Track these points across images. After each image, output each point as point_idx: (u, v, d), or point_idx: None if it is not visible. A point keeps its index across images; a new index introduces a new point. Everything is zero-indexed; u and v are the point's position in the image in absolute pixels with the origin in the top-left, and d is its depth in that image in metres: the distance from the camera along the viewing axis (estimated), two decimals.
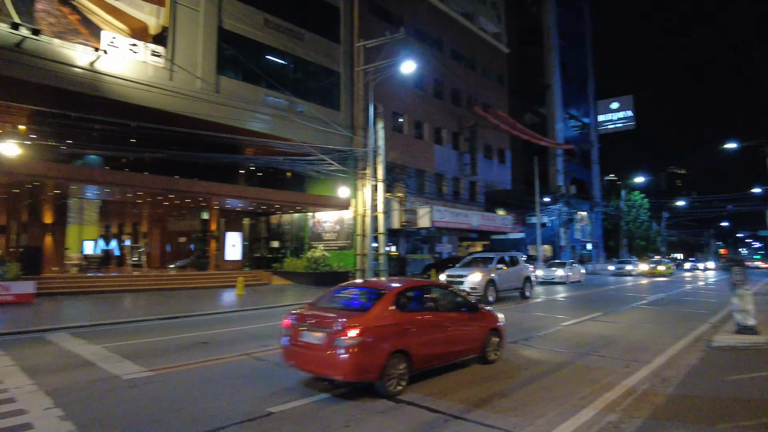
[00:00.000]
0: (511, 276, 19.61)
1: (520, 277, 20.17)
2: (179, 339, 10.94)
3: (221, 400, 6.36)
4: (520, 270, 20.38)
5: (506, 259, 20.01)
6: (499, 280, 18.67)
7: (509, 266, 19.74)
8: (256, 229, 35.39)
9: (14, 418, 5.60)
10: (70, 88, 18.28)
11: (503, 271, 19.17)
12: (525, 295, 20.20)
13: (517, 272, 20.12)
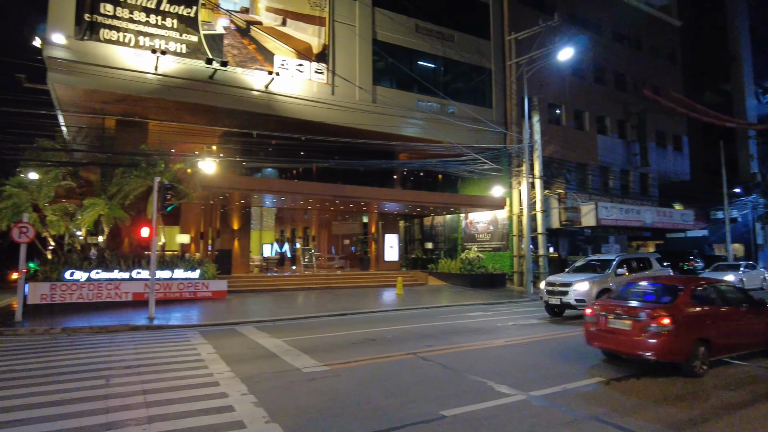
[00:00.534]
0: None
1: None
2: (348, 335, 11.56)
3: (393, 399, 6.48)
4: None
5: (632, 263, 15.86)
6: None
7: (632, 271, 15.48)
8: (410, 231, 36.32)
9: (219, 400, 6.37)
10: (250, 110, 20.74)
11: (624, 278, 14.54)
12: None
13: None
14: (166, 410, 5.95)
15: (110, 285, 17.10)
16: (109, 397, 6.54)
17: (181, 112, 20.71)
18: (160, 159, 19.08)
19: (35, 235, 15.40)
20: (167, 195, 14.76)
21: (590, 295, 13.75)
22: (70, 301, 16.29)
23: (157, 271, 15.90)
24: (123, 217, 18.75)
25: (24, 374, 7.97)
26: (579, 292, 14.05)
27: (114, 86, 18.45)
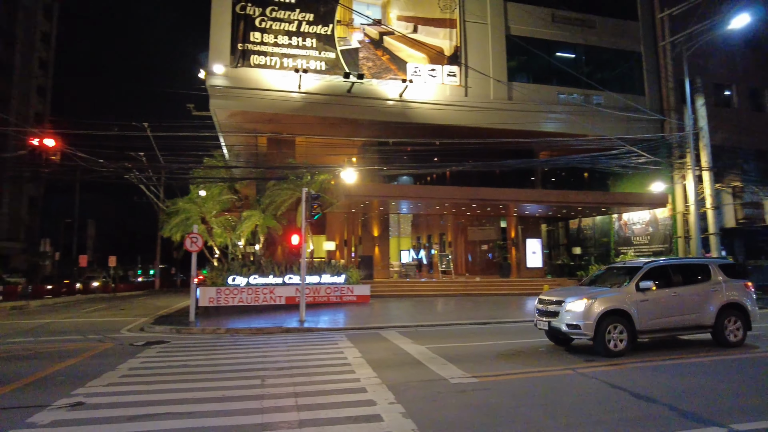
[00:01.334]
0: (678, 303, 10.05)
1: (706, 305, 10.22)
2: (495, 346, 10.87)
3: (555, 420, 5.74)
4: (705, 292, 10.34)
5: (667, 271, 10.37)
6: (642, 313, 9.64)
7: (672, 284, 10.19)
8: (553, 235, 34.03)
9: (367, 408, 6.21)
10: (386, 119, 21.16)
11: (656, 295, 9.92)
12: (726, 339, 10.19)
13: (698, 296, 10.28)
14: (315, 415, 5.94)
15: (266, 289, 18.48)
16: (264, 397, 6.77)
17: (323, 126, 21.83)
18: (307, 171, 20.26)
19: (203, 245, 17.25)
20: (314, 204, 15.50)
21: (587, 319, 9.35)
22: (232, 304, 17.93)
23: (306, 277, 16.78)
24: (275, 226, 20.23)
25: (194, 370, 8.72)
26: (573, 313, 9.56)
27: (264, 107, 20.09)
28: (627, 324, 9.47)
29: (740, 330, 10.25)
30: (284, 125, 21.41)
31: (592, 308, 9.42)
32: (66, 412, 6.19)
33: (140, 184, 25.62)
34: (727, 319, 10.21)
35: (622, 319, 9.46)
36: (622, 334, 9.40)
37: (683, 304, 10.06)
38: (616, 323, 9.39)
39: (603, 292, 9.91)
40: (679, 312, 10.01)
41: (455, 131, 21.49)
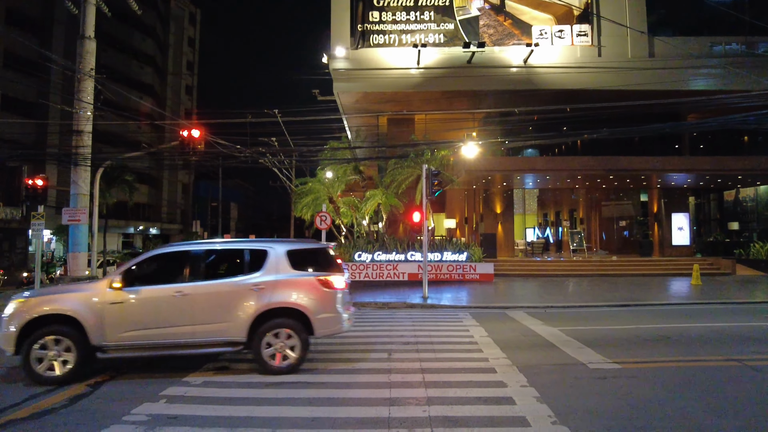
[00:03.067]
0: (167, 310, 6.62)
1: (230, 309, 6.61)
2: (637, 330, 9.81)
3: (721, 419, 4.92)
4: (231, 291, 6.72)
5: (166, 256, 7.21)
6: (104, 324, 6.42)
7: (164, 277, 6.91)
8: (703, 208, 30.04)
9: (498, 390, 5.89)
10: (509, 88, 20.04)
11: None
12: None
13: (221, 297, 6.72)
14: (443, 393, 5.77)
15: (389, 266, 18.80)
16: (392, 371, 6.77)
17: (443, 100, 21.39)
18: (427, 148, 20.07)
19: (331, 223, 17.99)
20: (434, 181, 15.27)
21: None
22: (358, 279, 18.54)
23: (428, 254, 16.70)
24: (397, 204, 20.43)
25: (325, 341, 9.06)
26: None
27: (384, 86, 20.19)
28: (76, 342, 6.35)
29: None
30: (404, 103, 21.35)
31: None
32: (214, 374, 6.77)
33: (273, 168, 27.47)
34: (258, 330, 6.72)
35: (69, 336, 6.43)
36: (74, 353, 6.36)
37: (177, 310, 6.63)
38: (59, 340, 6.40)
39: None
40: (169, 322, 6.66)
41: (587, 96, 19.61)
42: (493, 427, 4.73)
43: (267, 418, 5.01)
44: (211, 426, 4.81)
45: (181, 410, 5.29)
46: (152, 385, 6.20)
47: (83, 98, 12.68)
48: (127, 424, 4.89)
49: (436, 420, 4.91)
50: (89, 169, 13.24)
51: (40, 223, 15.44)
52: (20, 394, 5.87)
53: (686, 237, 24.80)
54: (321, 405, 5.43)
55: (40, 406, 5.47)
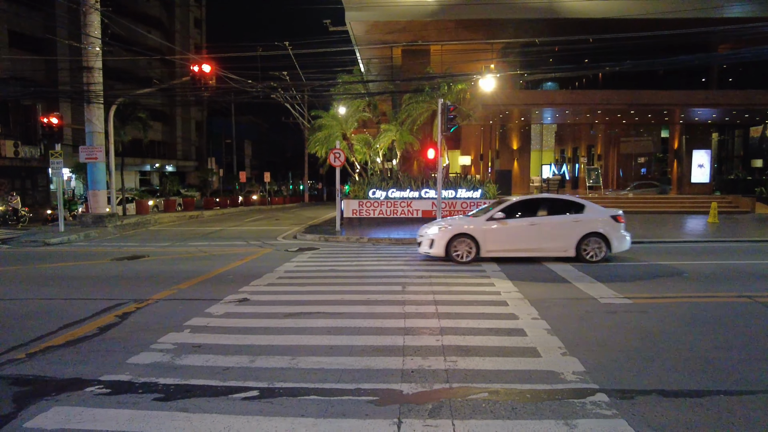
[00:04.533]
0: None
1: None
2: (650, 267, 9.88)
3: (727, 352, 5.02)
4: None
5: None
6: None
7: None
8: (726, 145, 29.24)
9: (509, 321, 6.06)
10: (529, 16, 19.08)
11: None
12: None
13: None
14: (456, 324, 5.95)
15: (403, 203, 18.87)
16: (406, 303, 6.97)
17: (460, 30, 20.52)
18: (443, 81, 19.50)
19: (345, 160, 17.91)
20: (450, 117, 14.96)
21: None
22: (372, 216, 18.71)
23: (442, 191, 16.66)
24: (412, 141, 20.18)
25: (341, 274, 9.32)
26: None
27: (398, 14, 19.35)
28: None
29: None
30: (419, 33, 20.54)
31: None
32: (235, 306, 7.04)
33: (286, 103, 27.08)
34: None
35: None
36: None
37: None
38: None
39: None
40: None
41: (611, 26, 18.60)
42: (504, 356, 4.90)
43: (287, 347, 5.24)
44: (233, 354, 5.05)
45: (204, 339, 5.54)
46: (176, 316, 6.48)
47: (90, 32, 12.41)
48: (155, 352, 5.15)
49: (449, 349, 5.09)
50: (102, 107, 13.20)
51: (58, 161, 15.65)
52: (55, 324, 6.19)
53: (706, 174, 24.34)
54: (338, 334, 5.65)
55: (73, 335, 5.78)
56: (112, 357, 5.02)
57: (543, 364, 4.68)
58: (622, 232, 10.27)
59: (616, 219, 10.26)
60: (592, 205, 10.56)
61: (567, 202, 10.73)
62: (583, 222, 10.16)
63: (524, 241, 10.22)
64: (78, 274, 9.95)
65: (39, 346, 5.39)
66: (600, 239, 10.11)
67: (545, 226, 10.21)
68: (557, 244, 10.18)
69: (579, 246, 10.11)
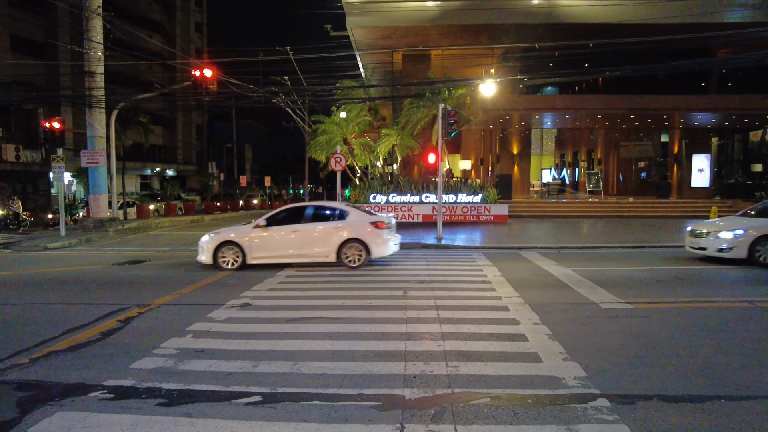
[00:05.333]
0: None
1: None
2: (652, 271, 9.90)
3: (727, 357, 5.04)
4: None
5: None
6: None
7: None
8: (726, 150, 29.27)
9: (510, 327, 6.08)
10: (529, 21, 19.16)
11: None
12: None
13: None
14: (458, 329, 5.97)
15: (404, 207, 18.91)
16: (407, 308, 6.99)
17: (460, 35, 20.61)
18: (443, 86, 19.56)
19: (346, 164, 17.95)
20: (450, 121, 15.00)
21: None
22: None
23: (442, 195, 16.70)
24: (412, 145, 20.23)
25: (342, 279, 9.34)
26: None
27: (399, 19, 19.43)
28: None
29: None
30: (420, 38, 20.63)
31: None
32: (237, 311, 7.06)
33: (287, 108, 27.14)
34: None
35: None
36: None
37: None
38: None
39: None
40: None
41: (611, 31, 18.71)
42: (506, 361, 4.92)
43: (289, 352, 5.26)
44: (235, 359, 5.07)
45: (207, 344, 5.56)
46: (178, 321, 6.50)
47: (92, 38, 12.47)
48: (158, 357, 5.17)
49: (450, 354, 5.11)
50: (104, 111, 13.24)
51: (60, 165, 15.70)
52: (57, 329, 6.21)
53: (706, 179, 24.36)
54: (340, 339, 5.66)
55: (76, 340, 5.80)
56: (115, 362, 5.04)
57: (544, 369, 4.70)
58: (384, 237, 10.48)
59: (377, 225, 10.49)
60: (355, 211, 10.89)
61: (331, 209, 11.04)
62: (343, 228, 10.42)
63: (287, 247, 10.46)
64: (80, 279, 9.97)
65: (42, 351, 5.41)
66: (360, 245, 10.37)
67: (307, 233, 10.47)
68: (319, 250, 10.45)
69: (339, 251, 10.37)
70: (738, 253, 9.98)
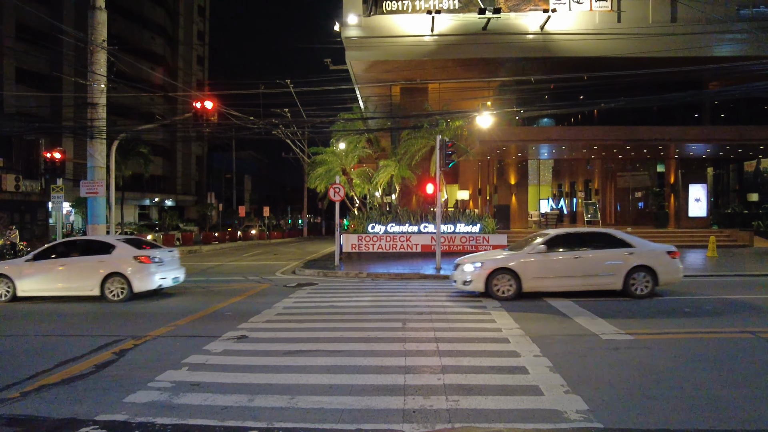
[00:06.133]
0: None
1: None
2: (651, 302, 9.83)
3: (734, 390, 4.96)
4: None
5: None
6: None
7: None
8: (722, 179, 29.54)
9: (511, 359, 5.99)
10: (525, 55, 19.63)
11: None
12: None
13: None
14: (458, 362, 5.88)
15: (402, 237, 18.91)
16: (406, 340, 6.90)
17: (457, 69, 21.02)
18: (440, 118, 19.84)
19: (345, 194, 18.05)
20: (448, 152, 15.16)
21: None
22: (372, 251, 18.70)
23: (441, 226, 16.71)
24: (410, 176, 20.37)
25: (341, 310, 9.25)
26: None
27: (397, 54, 19.86)
28: None
29: None
30: (417, 71, 21.03)
31: None
32: (233, 343, 6.96)
33: (286, 139, 27.44)
34: None
35: None
36: None
37: None
38: None
39: None
40: None
41: (605, 64, 19.13)
42: (506, 395, 4.83)
43: (286, 385, 5.16)
44: (232, 393, 4.97)
45: (203, 377, 5.46)
46: (174, 354, 6.40)
47: (96, 70, 12.70)
48: (153, 390, 5.07)
49: (450, 388, 5.02)
50: (105, 142, 13.37)
51: (59, 196, 15.74)
52: (50, 362, 6.10)
53: (703, 208, 24.49)
54: (338, 372, 5.57)
55: (69, 372, 5.69)
56: (108, 396, 4.94)
57: (546, 403, 4.61)
58: (151, 270, 10.48)
59: (138, 260, 10.50)
60: (124, 246, 10.81)
61: (97, 243, 11.16)
62: (107, 263, 10.46)
63: (55, 280, 10.56)
64: (74, 310, 9.86)
65: (33, 384, 5.30)
66: (122, 279, 10.41)
67: (72, 267, 10.57)
68: (83, 283, 10.49)
69: (103, 285, 10.40)
70: (476, 285, 10.09)
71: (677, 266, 10.30)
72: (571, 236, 11.06)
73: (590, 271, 10.00)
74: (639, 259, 10.02)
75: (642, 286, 10.01)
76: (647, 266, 9.99)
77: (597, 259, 10.10)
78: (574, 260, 10.07)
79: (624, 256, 10.02)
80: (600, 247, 10.25)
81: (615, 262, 10.00)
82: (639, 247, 10.20)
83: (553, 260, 10.09)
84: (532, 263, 10.02)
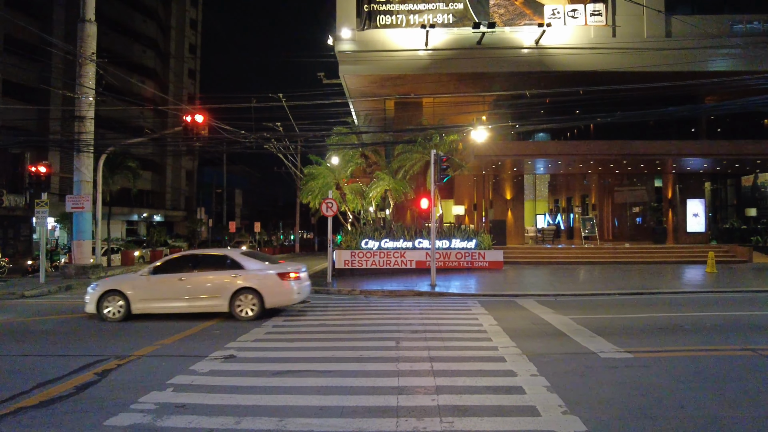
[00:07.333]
0: None
1: None
2: (650, 319, 9.66)
3: (736, 410, 4.77)
4: None
5: None
6: None
7: None
8: (720, 194, 29.55)
9: (507, 379, 5.78)
10: (520, 69, 19.66)
11: None
12: None
13: None
14: (452, 382, 5.66)
15: (397, 253, 18.65)
16: (400, 360, 6.67)
17: (452, 83, 21.04)
18: (435, 133, 19.76)
19: (338, 210, 17.83)
20: (443, 167, 15.04)
21: None
22: (365, 267, 18.42)
23: (436, 241, 16.52)
24: (405, 191, 20.22)
25: (333, 329, 9.01)
26: None
27: (391, 68, 19.87)
28: None
29: None
30: (412, 86, 21.02)
31: None
32: (221, 363, 6.71)
33: (279, 154, 27.29)
34: None
35: None
36: None
37: None
38: None
39: None
40: None
41: (601, 78, 19.15)
42: (503, 416, 4.63)
43: (275, 407, 4.93)
44: (218, 415, 4.74)
45: (188, 399, 5.23)
46: (159, 374, 6.15)
47: (85, 83, 12.54)
48: (135, 413, 4.83)
49: (445, 409, 4.81)
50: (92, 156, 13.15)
51: (44, 211, 15.39)
52: (28, 383, 5.83)
53: (701, 224, 24.38)
54: (329, 394, 5.34)
55: (48, 394, 5.43)
56: (88, 419, 4.70)
57: (543, 424, 4.44)
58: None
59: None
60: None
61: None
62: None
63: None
64: (56, 329, 9.57)
65: (9, 407, 5.04)
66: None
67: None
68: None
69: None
70: (90, 307, 9.91)
71: (288, 288, 10.00)
72: (185, 258, 10.96)
73: (195, 293, 9.88)
74: (245, 281, 9.84)
75: (248, 309, 9.81)
76: (253, 288, 9.80)
77: (203, 281, 10.00)
78: (179, 282, 9.91)
79: (230, 278, 9.87)
80: (210, 270, 10.17)
81: (220, 283, 9.87)
82: (248, 270, 9.97)
83: (158, 282, 9.99)
84: (140, 286, 9.97)
